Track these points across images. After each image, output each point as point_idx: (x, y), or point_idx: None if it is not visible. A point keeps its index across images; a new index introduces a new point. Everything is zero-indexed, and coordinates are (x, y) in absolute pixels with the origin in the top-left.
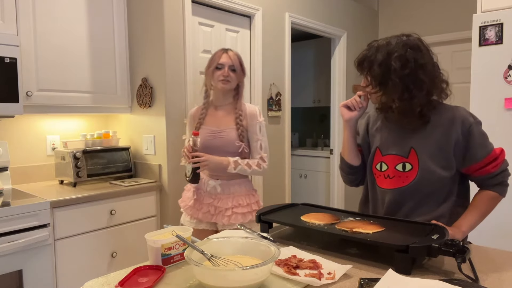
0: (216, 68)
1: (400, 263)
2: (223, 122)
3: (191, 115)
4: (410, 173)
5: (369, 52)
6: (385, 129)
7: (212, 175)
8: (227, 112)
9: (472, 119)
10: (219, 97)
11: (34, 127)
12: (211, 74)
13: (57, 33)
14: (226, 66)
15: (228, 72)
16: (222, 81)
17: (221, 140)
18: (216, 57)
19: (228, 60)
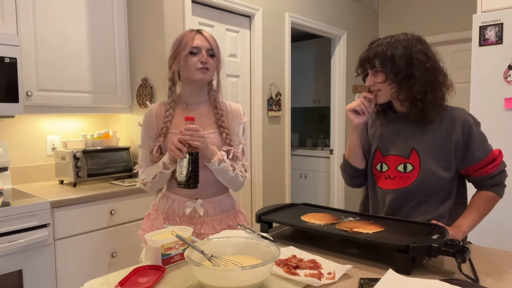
0: (190, 53)
1: (400, 263)
2: (200, 125)
3: (151, 115)
4: (411, 173)
5: (382, 47)
6: (385, 129)
7: (188, 194)
8: (204, 113)
9: (472, 120)
10: (192, 92)
11: (34, 127)
12: (183, 61)
13: (57, 33)
14: (203, 49)
15: (207, 58)
16: (201, 69)
17: None
18: (187, 38)
19: (204, 42)
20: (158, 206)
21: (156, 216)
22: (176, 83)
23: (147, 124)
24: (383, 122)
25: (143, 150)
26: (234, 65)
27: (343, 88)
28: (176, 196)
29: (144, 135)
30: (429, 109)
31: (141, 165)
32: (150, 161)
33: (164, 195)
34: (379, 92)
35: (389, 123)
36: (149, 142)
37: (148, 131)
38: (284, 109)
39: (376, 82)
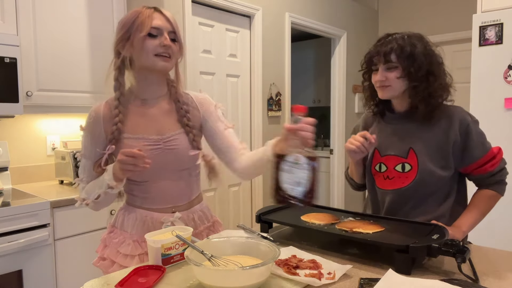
0: (148, 35)
1: (400, 263)
2: (164, 126)
3: (97, 117)
4: (410, 173)
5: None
6: (383, 130)
7: (162, 208)
8: (165, 109)
9: (469, 118)
10: (149, 84)
11: (34, 127)
12: (139, 45)
13: (57, 33)
14: (164, 31)
15: (169, 42)
16: (162, 56)
17: (173, 154)
18: (144, 17)
19: (166, 23)
20: (120, 226)
21: (120, 239)
22: (123, 73)
23: (92, 128)
24: (381, 123)
25: (85, 160)
26: (234, 65)
27: (343, 88)
28: (144, 211)
29: (87, 142)
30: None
31: (82, 179)
32: (94, 175)
33: (125, 211)
34: (387, 88)
35: (387, 123)
36: (94, 151)
37: (93, 138)
38: (284, 109)
39: (388, 78)
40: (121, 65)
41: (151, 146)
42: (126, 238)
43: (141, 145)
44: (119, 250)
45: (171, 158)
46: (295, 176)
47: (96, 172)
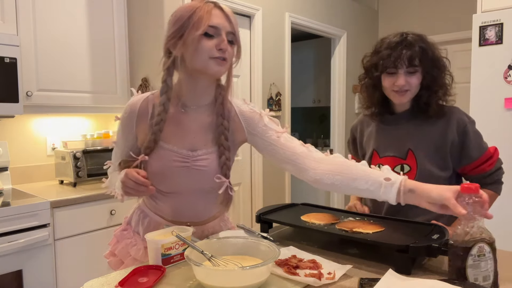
0: (205, 34)
1: (400, 263)
2: (198, 141)
3: (132, 112)
4: (409, 174)
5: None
6: (381, 131)
7: (178, 222)
8: (206, 122)
9: (466, 118)
10: (197, 89)
11: (34, 127)
12: (194, 44)
13: (57, 33)
14: (223, 32)
15: (227, 45)
16: (216, 60)
17: (199, 174)
18: (202, 12)
19: (225, 22)
20: (134, 227)
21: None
22: (172, 74)
23: (124, 123)
24: (379, 124)
25: (116, 149)
26: None
27: (343, 88)
28: (159, 218)
29: (119, 134)
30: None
31: (111, 164)
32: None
33: (141, 212)
34: (406, 93)
35: (385, 124)
36: (123, 144)
37: (124, 132)
38: (284, 109)
39: (410, 83)
40: (171, 66)
41: (180, 161)
42: (138, 241)
43: (171, 159)
44: (130, 252)
45: (196, 177)
46: (481, 271)
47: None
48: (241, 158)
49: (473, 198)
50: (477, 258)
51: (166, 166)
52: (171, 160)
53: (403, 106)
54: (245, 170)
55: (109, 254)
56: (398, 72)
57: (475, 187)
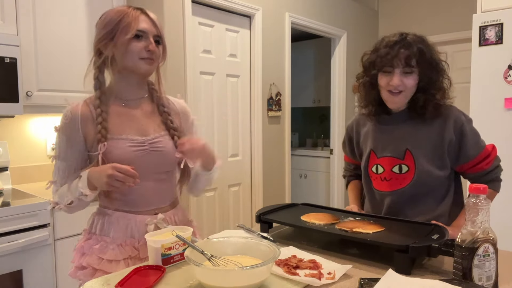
0: (134, 37)
1: (400, 263)
2: (146, 127)
3: (74, 118)
4: (407, 174)
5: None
6: (378, 131)
7: (145, 211)
8: (148, 111)
9: (463, 117)
10: (130, 85)
11: (34, 127)
12: (124, 46)
13: (57, 33)
14: (150, 35)
15: (154, 46)
16: (147, 59)
17: (158, 155)
18: (130, 18)
19: (151, 26)
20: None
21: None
22: (103, 72)
23: (68, 130)
24: (376, 124)
25: (59, 162)
26: (234, 65)
27: (343, 88)
28: (126, 213)
29: (62, 143)
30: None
31: (55, 181)
32: (68, 178)
33: (102, 215)
34: (400, 94)
35: (382, 124)
36: (70, 152)
37: (69, 139)
38: (284, 109)
39: (405, 83)
40: (101, 64)
41: (136, 147)
42: (108, 243)
43: (126, 146)
44: (102, 257)
45: (157, 159)
46: (485, 271)
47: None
48: (241, 158)
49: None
50: (482, 258)
51: (126, 154)
52: (128, 147)
53: (400, 108)
54: (245, 170)
55: (74, 270)
56: (394, 72)
57: (483, 187)
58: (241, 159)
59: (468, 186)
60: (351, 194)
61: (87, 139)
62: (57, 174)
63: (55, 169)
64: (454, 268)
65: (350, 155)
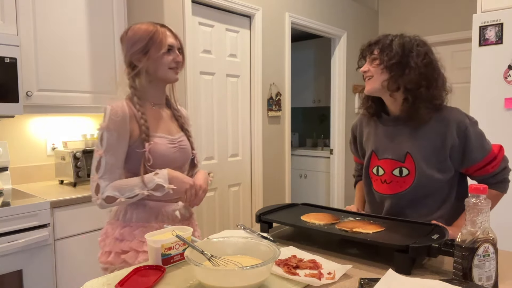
0: (167, 50)
1: (400, 263)
2: (171, 128)
3: (124, 117)
4: (407, 178)
5: (385, 37)
6: (379, 132)
7: (169, 199)
8: (169, 115)
9: (467, 120)
10: (158, 92)
11: (34, 127)
12: (157, 59)
13: (57, 33)
14: (175, 49)
15: (180, 58)
16: (174, 70)
17: (183, 151)
18: (161, 34)
19: (176, 40)
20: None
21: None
22: (137, 80)
23: (120, 128)
24: (378, 125)
25: (109, 157)
26: (234, 65)
27: (343, 88)
28: (153, 202)
29: (112, 139)
30: (421, 107)
31: (103, 177)
32: (117, 172)
33: (136, 205)
34: (371, 80)
35: (383, 125)
36: (120, 148)
37: (120, 135)
38: (284, 109)
39: (370, 69)
40: (134, 75)
41: (170, 144)
42: (147, 228)
43: (166, 143)
44: (143, 240)
45: (183, 155)
46: (485, 271)
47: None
48: (241, 158)
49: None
50: (482, 258)
51: (167, 150)
52: (166, 144)
53: (396, 108)
54: (245, 170)
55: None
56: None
57: (483, 187)
58: (241, 159)
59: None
60: (356, 195)
61: (131, 136)
62: (104, 168)
63: (103, 164)
64: (454, 268)
65: (356, 154)
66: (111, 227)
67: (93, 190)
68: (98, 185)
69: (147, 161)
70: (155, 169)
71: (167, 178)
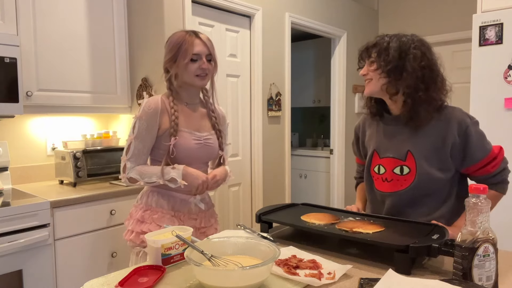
0: (191, 60)
1: (400, 263)
2: (202, 126)
3: (156, 109)
4: (408, 176)
5: (382, 39)
6: (381, 131)
7: (185, 191)
8: (203, 113)
9: (468, 119)
10: (190, 94)
11: (34, 127)
12: (183, 67)
13: (57, 33)
14: (203, 56)
15: (207, 65)
16: (200, 76)
17: (209, 149)
18: (188, 45)
19: (204, 48)
20: (156, 205)
21: (159, 215)
22: (173, 83)
23: (150, 119)
24: (379, 124)
25: (137, 143)
26: (234, 65)
27: (343, 88)
28: (175, 192)
29: (143, 128)
30: (421, 110)
31: (130, 159)
32: (143, 158)
33: (156, 193)
34: (370, 83)
35: (385, 124)
36: (148, 137)
37: (149, 126)
38: (284, 109)
39: (368, 71)
40: (168, 79)
41: (197, 140)
42: (164, 214)
43: (191, 138)
44: (160, 224)
45: (206, 152)
46: (485, 271)
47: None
48: (241, 158)
49: (475, 199)
50: (482, 258)
51: (190, 144)
52: (191, 139)
53: (397, 108)
54: (245, 170)
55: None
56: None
57: (483, 187)
58: (241, 159)
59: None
60: (357, 196)
61: (160, 127)
62: (132, 152)
63: (132, 148)
64: (454, 268)
65: (358, 155)
66: (135, 209)
67: (122, 169)
68: (126, 166)
69: (171, 154)
70: (179, 161)
71: (181, 174)
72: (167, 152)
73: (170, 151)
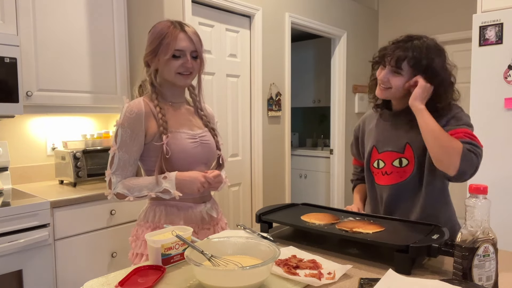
0: (173, 56)
1: (400, 263)
2: (193, 124)
3: (139, 114)
4: (407, 168)
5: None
6: (380, 127)
7: (194, 198)
8: (190, 112)
9: (460, 110)
10: (173, 93)
11: (34, 127)
12: (164, 63)
13: (57, 33)
14: (187, 53)
15: (191, 62)
16: (182, 75)
17: (206, 147)
18: (171, 37)
19: (189, 44)
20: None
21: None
22: (156, 78)
23: (134, 125)
24: (379, 121)
25: (122, 154)
26: (234, 65)
27: (343, 88)
28: (181, 203)
29: (126, 136)
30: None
31: (115, 173)
32: (129, 169)
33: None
34: (387, 90)
35: (384, 121)
36: (133, 145)
37: (133, 133)
38: (284, 109)
39: (391, 81)
40: (150, 74)
41: (191, 139)
42: None
43: (184, 138)
44: None
45: (205, 151)
46: (485, 271)
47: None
48: (241, 158)
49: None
50: (482, 258)
51: (185, 145)
52: (186, 139)
53: (400, 105)
54: (245, 170)
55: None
56: (385, 68)
57: (483, 187)
58: (241, 159)
59: (468, 186)
60: (355, 197)
61: (147, 133)
62: (117, 164)
63: (116, 160)
64: (454, 268)
65: (357, 155)
66: (140, 229)
67: (107, 184)
68: (111, 180)
69: (166, 154)
70: (175, 165)
71: (174, 183)
72: (160, 156)
73: (164, 151)
